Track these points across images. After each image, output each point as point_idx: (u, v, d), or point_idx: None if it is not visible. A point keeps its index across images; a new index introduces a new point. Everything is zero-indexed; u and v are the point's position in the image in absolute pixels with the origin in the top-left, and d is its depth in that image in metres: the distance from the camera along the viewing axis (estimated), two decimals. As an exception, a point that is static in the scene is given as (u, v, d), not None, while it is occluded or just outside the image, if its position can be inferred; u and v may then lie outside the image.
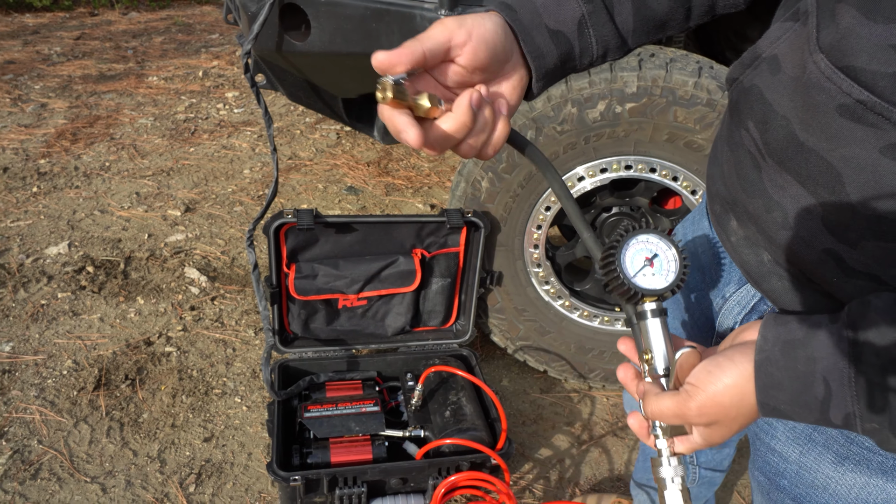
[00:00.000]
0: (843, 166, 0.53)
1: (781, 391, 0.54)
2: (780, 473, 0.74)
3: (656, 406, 0.61)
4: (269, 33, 1.53)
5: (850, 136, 0.51)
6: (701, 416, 0.58)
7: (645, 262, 0.64)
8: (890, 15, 0.47)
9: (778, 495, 0.75)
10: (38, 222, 2.72)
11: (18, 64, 4.82)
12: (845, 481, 0.67)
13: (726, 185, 0.70)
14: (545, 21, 0.63)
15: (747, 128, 0.63)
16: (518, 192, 1.71)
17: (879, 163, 0.50)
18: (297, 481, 1.43)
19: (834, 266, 0.58)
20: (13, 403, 1.82)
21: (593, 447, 1.81)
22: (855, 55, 0.49)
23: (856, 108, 0.50)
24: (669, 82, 1.56)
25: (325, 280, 1.72)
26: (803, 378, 0.53)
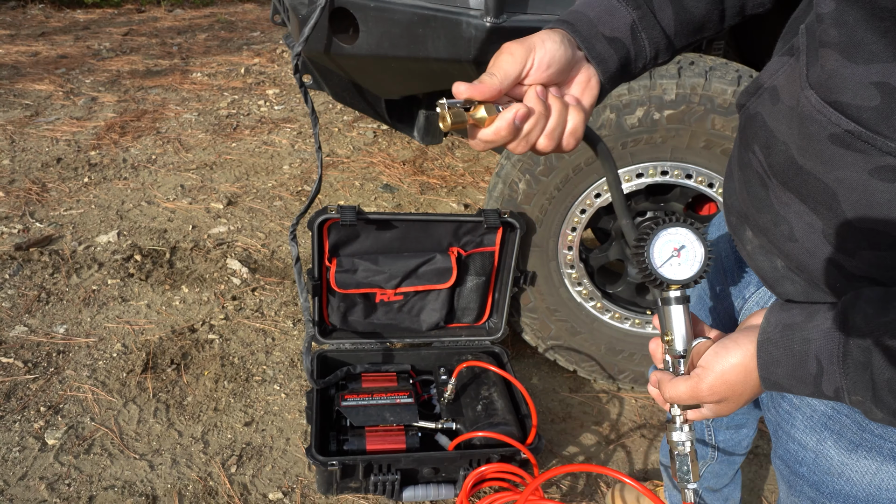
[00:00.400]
0: (838, 187, 0.59)
1: (780, 367, 0.62)
2: (799, 461, 0.78)
3: (673, 391, 0.69)
4: (318, 36, 1.59)
5: (841, 161, 0.58)
6: (712, 395, 0.67)
7: (673, 253, 0.71)
8: (868, 57, 0.54)
9: (798, 482, 0.79)
10: (90, 211, 2.84)
11: (70, 58, 5.01)
12: (859, 468, 0.71)
13: (739, 201, 0.76)
14: (601, 30, 0.70)
15: (754, 151, 0.69)
16: (554, 195, 1.75)
17: (869, 183, 0.57)
18: (334, 466, 1.49)
19: (836, 273, 0.64)
20: (67, 382, 1.93)
21: (620, 447, 1.84)
22: (841, 92, 0.56)
23: (845, 136, 0.57)
24: (708, 90, 1.58)
25: (364, 275, 1.78)
26: (799, 356, 0.61)
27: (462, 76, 1.57)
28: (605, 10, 0.71)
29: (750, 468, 1.80)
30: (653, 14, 0.71)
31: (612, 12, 0.70)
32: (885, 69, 0.53)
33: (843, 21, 0.55)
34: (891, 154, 0.55)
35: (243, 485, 1.65)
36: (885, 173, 0.56)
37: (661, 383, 0.71)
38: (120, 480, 1.63)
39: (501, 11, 1.41)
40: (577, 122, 0.67)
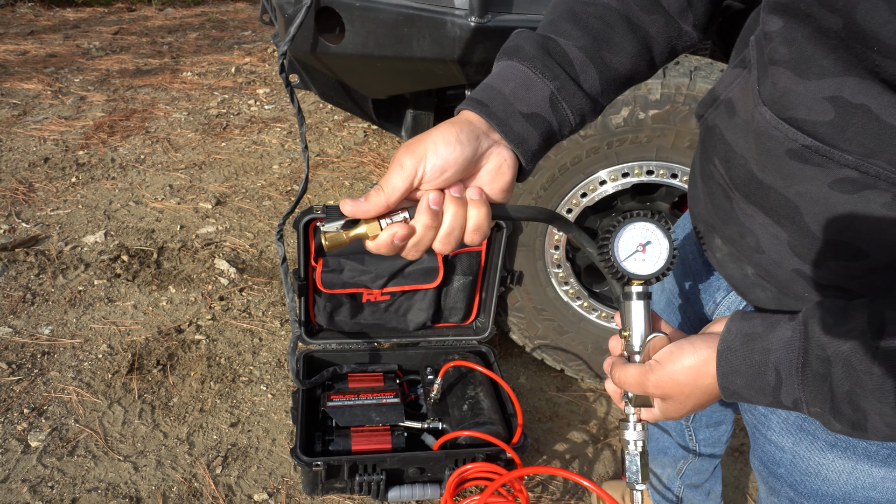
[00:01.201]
0: (800, 200, 0.60)
1: (739, 377, 0.61)
2: (777, 462, 0.78)
3: (622, 374, 0.68)
4: (304, 35, 1.58)
5: (801, 175, 0.59)
6: (657, 389, 0.66)
7: (638, 248, 0.69)
8: (819, 73, 0.54)
9: (776, 483, 0.80)
10: (77, 211, 2.83)
11: (59, 57, 4.98)
12: (835, 467, 0.72)
13: (705, 211, 0.76)
14: (518, 108, 0.65)
15: (714, 164, 0.69)
16: (540, 195, 1.75)
17: (830, 196, 0.57)
18: (319, 466, 1.49)
19: (804, 283, 0.64)
20: (52, 384, 1.91)
21: (607, 446, 1.84)
22: (795, 108, 0.56)
23: (803, 151, 0.57)
24: (693, 90, 1.58)
25: (350, 274, 1.77)
26: (758, 367, 0.60)
27: (447, 75, 1.57)
28: (520, 84, 0.65)
29: (735, 466, 1.80)
30: (574, 81, 0.67)
31: (529, 86, 0.65)
32: (836, 83, 0.53)
33: (792, 38, 0.55)
34: (849, 167, 0.55)
35: (228, 486, 1.64)
36: (845, 185, 0.56)
37: (613, 366, 0.70)
38: (104, 482, 1.62)
39: (486, 11, 1.41)
40: (481, 218, 0.62)
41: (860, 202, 0.56)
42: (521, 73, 0.66)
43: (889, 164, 0.53)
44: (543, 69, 0.66)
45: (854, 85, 0.52)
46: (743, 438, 1.88)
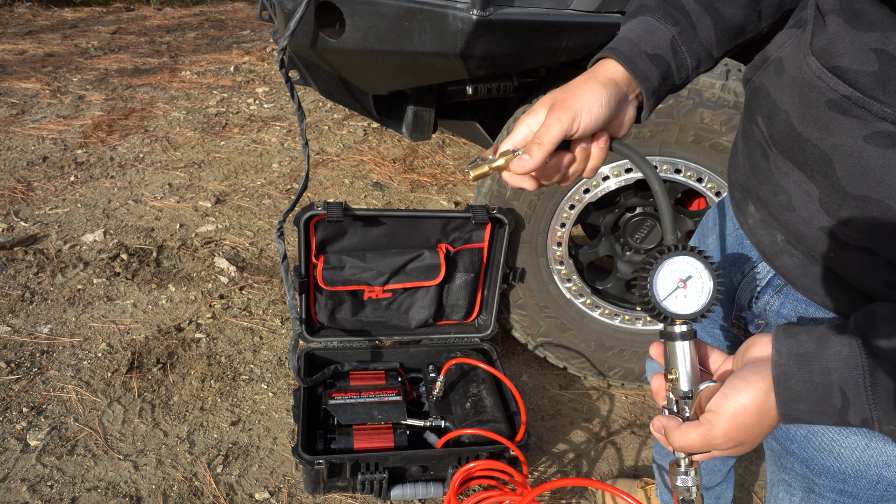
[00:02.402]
0: (834, 153, 0.60)
1: (801, 402, 0.58)
2: (790, 438, 0.78)
3: (683, 440, 0.63)
4: (304, 30, 1.57)
5: (838, 127, 0.59)
6: (728, 441, 0.61)
7: (678, 284, 0.65)
8: (869, 24, 0.55)
9: (788, 459, 0.79)
10: (75, 210, 2.81)
11: (58, 57, 4.96)
12: (849, 444, 0.72)
13: (743, 174, 0.77)
14: (643, 49, 0.73)
15: (757, 122, 0.70)
16: (543, 190, 1.74)
17: (864, 149, 0.58)
18: (321, 465, 1.47)
19: (830, 242, 0.64)
20: (51, 383, 1.90)
21: (610, 444, 1.83)
22: (840, 57, 0.58)
23: (842, 102, 0.58)
24: (696, 84, 1.57)
25: (352, 271, 1.76)
26: (821, 389, 0.57)
27: (449, 70, 1.56)
28: (645, 30, 0.74)
29: (740, 464, 1.79)
30: (692, 27, 0.74)
31: (653, 31, 0.74)
32: (884, 37, 0.54)
33: None
34: (886, 119, 0.55)
35: (229, 485, 1.63)
36: (880, 139, 0.56)
37: (667, 431, 0.65)
38: (104, 481, 1.61)
39: (488, 4, 1.40)
40: (598, 159, 0.73)
41: (894, 158, 0.56)
42: (646, 22, 0.75)
43: None
44: (665, 17, 0.74)
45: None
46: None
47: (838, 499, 0.76)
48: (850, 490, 0.74)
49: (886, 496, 0.73)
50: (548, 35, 1.47)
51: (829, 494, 0.76)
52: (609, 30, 1.49)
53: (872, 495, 0.73)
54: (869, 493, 0.73)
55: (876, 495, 0.73)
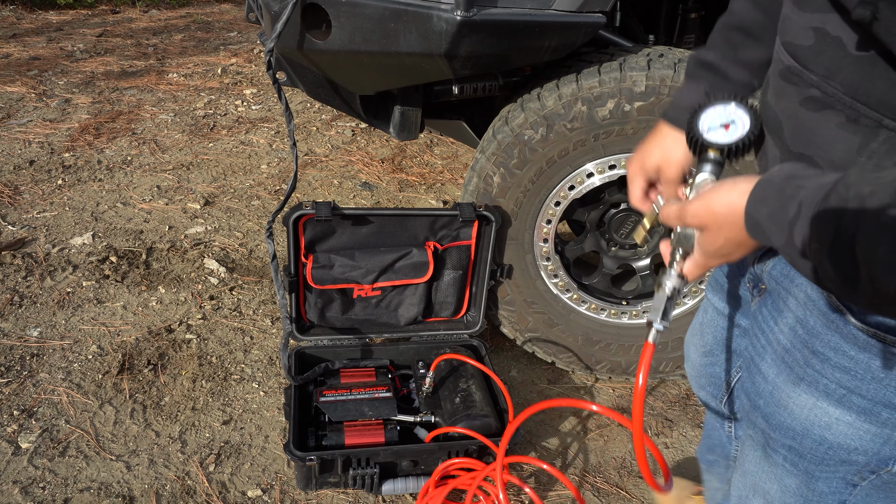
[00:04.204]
0: (782, 116, 0.72)
1: (765, 206, 0.61)
2: (759, 393, 0.84)
3: (666, 210, 0.76)
4: (291, 32, 1.59)
5: (784, 92, 0.71)
6: (694, 218, 0.70)
7: (720, 125, 0.75)
8: (814, 8, 0.65)
9: (754, 414, 0.86)
10: (63, 214, 2.81)
11: (43, 60, 4.93)
12: (800, 401, 0.77)
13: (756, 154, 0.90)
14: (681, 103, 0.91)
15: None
16: (529, 188, 1.76)
17: (799, 112, 0.68)
18: (312, 461, 1.49)
19: None
20: (41, 385, 1.90)
21: (598, 436, 1.86)
22: (787, 33, 0.69)
23: (786, 71, 0.70)
24: (677, 82, 1.60)
25: (341, 270, 1.78)
26: (786, 198, 0.59)
27: (435, 70, 1.58)
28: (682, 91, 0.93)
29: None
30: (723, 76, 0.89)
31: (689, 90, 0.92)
32: (823, 18, 0.64)
33: None
34: (814, 87, 0.66)
35: (222, 483, 1.64)
36: (810, 104, 0.67)
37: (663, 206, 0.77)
38: (96, 482, 1.62)
39: (472, 5, 1.42)
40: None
41: (821, 120, 0.66)
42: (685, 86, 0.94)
43: (841, 86, 0.64)
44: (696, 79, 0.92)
45: (836, 21, 0.63)
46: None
47: (788, 455, 0.82)
48: (798, 448, 0.79)
49: (827, 459, 0.78)
50: (531, 35, 1.50)
51: (781, 450, 0.82)
52: (590, 29, 1.52)
53: (815, 455, 0.78)
54: (812, 452, 0.78)
55: (818, 456, 0.78)
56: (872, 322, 0.68)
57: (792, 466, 0.82)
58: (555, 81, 1.68)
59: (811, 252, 0.57)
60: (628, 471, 1.76)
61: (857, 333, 0.70)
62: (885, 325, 0.67)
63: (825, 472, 0.79)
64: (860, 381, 0.71)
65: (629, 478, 1.74)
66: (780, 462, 0.84)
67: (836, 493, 0.81)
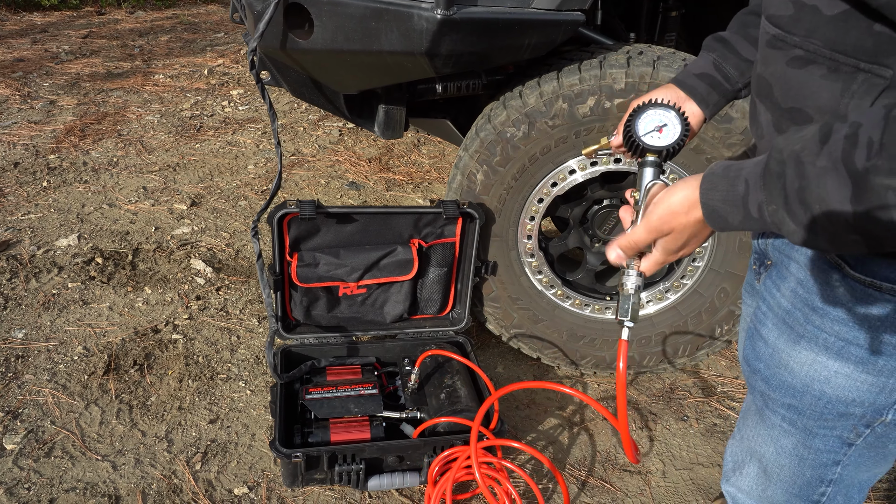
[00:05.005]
0: (771, 78, 0.81)
1: (717, 192, 0.71)
2: (759, 357, 0.90)
3: (632, 235, 0.80)
4: (274, 31, 1.59)
5: (771, 58, 0.80)
6: (662, 223, 0.76)
7: (655, 128, 0.87)
8: None
9: (754, 379, 0.92)
10: (49, 215, 2.80)
11: (28, 62, 4.90)
12: (800, 359, 0.83)
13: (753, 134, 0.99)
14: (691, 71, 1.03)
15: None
16: (512, 185, 1.78)
17: (787, 72, 0.78)
18: (298, 458, 1.50)
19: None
20: (27, 387, 1.90)
21: (583, 431, 1.88)
22: (770, 7, 0.79)
23: (772, 40, 0.79)
24: (656, 79, 1.62)
25: (326, 268, 1.79)
26: (731, 181, 0.69)
27: (417, 69, 1.59)
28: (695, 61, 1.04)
29: (709, 444, 1.85)
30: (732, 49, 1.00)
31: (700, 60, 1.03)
32: None
33: None
34: (797, 47, 0.75)
35: (208, 481, 1.64)
36: (796, 62, 0.76)
37: (619, 243, 0.82)
38: (82, 482, 1.62)
39: (452, 4, 1.43)
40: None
41: (806, 74, 0.75)
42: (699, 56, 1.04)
43: (821, 42, 0.73)
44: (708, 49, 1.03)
45: None
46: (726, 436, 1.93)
47: (786, 415, 0.87)
48: (797, 405, 0.85)
49: (826, 413, 0.83)
50: (511, 33, 1.51)
51: (780, 410, 0.88)
52: (569, 27, 1.54)
53: (814, 411, 0.84)
54: (811, 408, 0.84)
55: (817, 411, 0.84)
56: (868, 273, 0.74)
57: (790, 426, 0.88)
58: (536, 79, 1.70)
59: (769, 214, 0.66)
60: (612, 464, 1.78)
61: (854, 286, 0.76)
62: (881, 275, 0.73)
63: (823, 427, 0.84)
64: (858, 332, 0.77)
65: (613, 471, 1.75)
66: (777, 423, 0.89)
67: (831, 452, 0.86)
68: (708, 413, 1.96)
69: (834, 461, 0.88)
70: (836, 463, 0.88)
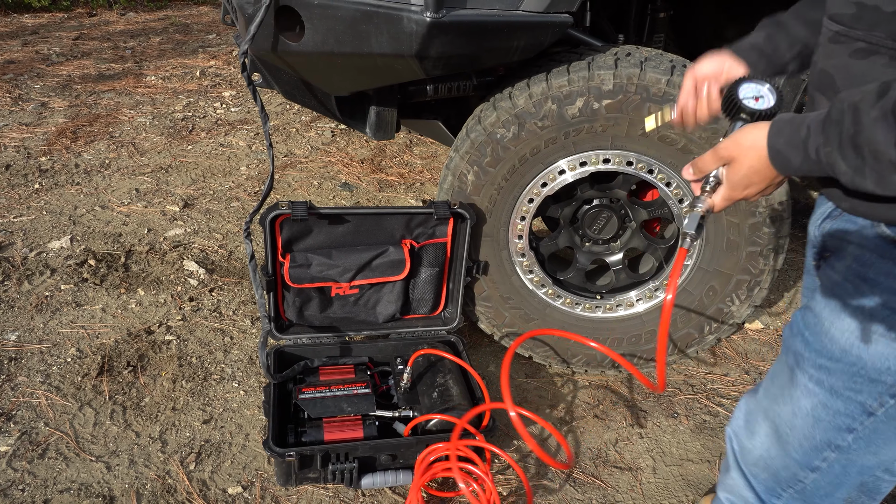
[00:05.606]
0: (834, 71, 0.91)
1: (781, 136, 0.84)
2: (807, 326, 0.98)
3: (700, 159, 0.94)
4: (265, 34, 1.60)
5: (834, 52, 0.90)
6: (725, 151, 0.90)
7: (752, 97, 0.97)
8: None
9: (793, 341, 1.00)
10: (41, 217, 2.80)
11: (18, 64, 4.89)
12: (843, 326, 0.91)
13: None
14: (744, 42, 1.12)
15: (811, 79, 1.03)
16: (502, 185, 1.80)
17: (849, 63, 0.88)
18: (291, 457, 1.51)
19: None
20: (20, 389, 1.90)
21: (575, 428, 1.90)
22: (833, 6, 0.89)
23: (835, 36, 0.89)
24: (644, 80, 1.64)
25: (318, 269, 1.80)
26: (796, 126, 0.82)
27: (407, 71, 1.61)
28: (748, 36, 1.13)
29: (699, 439, 1.87)
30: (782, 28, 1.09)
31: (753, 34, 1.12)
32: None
33: None
34: (860, 40, 0.86)
35: (202, 481, 1.65)
36: (859, 54, 0.86)
37: (692, 162, 0.96)
38: (76, 483, 1.63)
39: (441, 6, 1.45)
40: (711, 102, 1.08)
41: (868, 64, 0.85)
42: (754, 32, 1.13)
43: (883, 34, 0.83)
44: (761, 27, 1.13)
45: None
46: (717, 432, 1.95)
47: (815, 374, 0.95)
48: (830, 366, 0.93)
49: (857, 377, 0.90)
50: (500, 35, 1.53)
51: (809, 369, 0.96)
52: (558, 29, 1.56)
53: (847, 373, 0.91)
54: (845, 370, 0.91)
55: (850, 373, 0.91)
56: None
57: (816, 385, 0.95)
58: (525, 81, 1.72)
59: (825, 156, 0.78)
60: (603, 461, 1.80)
61: None
62: None
63: (850, 390, 0.92)
64: None
65: (604, 467, 1.77)
66: (804, 382, 0.97)
67: (849, 417, 0.93)
68: (697, 410, 1.99)
69: (849, 427, 0.93)
70: (851, 430, 0.94)
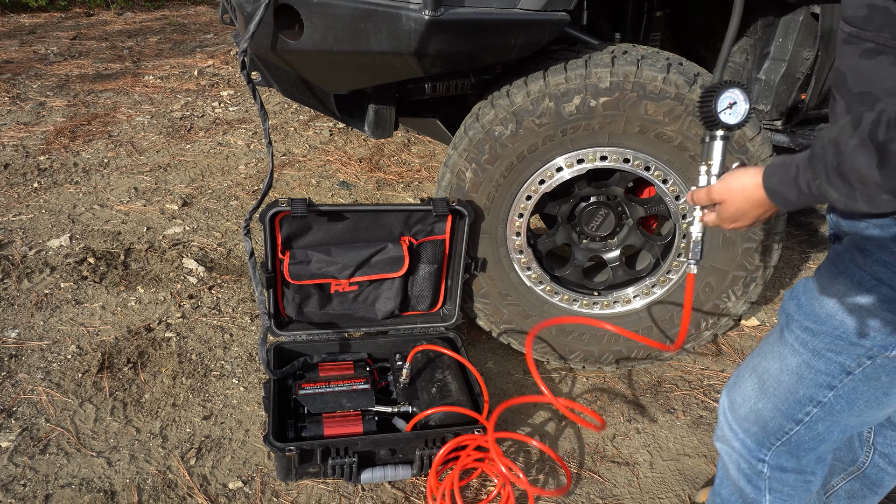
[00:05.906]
0: (846, 69, 0.95)
1: (774, 176, 0.94)
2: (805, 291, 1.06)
3: (696, 193, 1.11)
4: (264, 32, 1.62)
5: (846, 52, 0.95)
6: (717, 194, 1.06)
7: (727, 106, 1.08)
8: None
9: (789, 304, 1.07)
10: (40, 216, 2.80)
11: (16, 63, 4.89)
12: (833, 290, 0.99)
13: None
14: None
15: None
16: (500, 182, 1.81)
17: (859, 62, 0.92)
18: (292, 451, 1.52)
19: None
20: (21, 385, 1.91)
21: (572, 424, 1.92)
22: (847, 9, 0.93)
23: (848, 38, 0.94)
24: (640, 78, 1.66)
25: (317, 266, 1.81)
26: (786, 167, 0.92)
27: (405, 69, 1.62)
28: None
29: (695, 435, 1.89)
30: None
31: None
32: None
33: None
34: (869, 40, 0.90)
35: (203, 476, 1.67)
36: (868, 54, 0.91)
37: (693, 192, 1.12)
38: (77, 478, 1.64)
39: (439, 5, 1.46)
40: None
41: (875, 64, 0.90)
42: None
43: (889, 35, 0.87)
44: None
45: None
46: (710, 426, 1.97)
47: (801, 335, 1.03)
48: (814, 328, 1.01)
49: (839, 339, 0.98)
50: (497, 33, 1.54)
51: (796, 330, 1.04)
52: (555, 27, 1.57)
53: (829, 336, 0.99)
54: (828, 333, 0.99)
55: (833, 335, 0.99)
56: None
57: (801, 346, 1.03)
58: (523, 78, 1.73)
59: (816, 188, 0.86)
60: (601, 455, 1.81)
61: None
62: None
63: (831, 351, 0.99)
64: (893, 274, 0.92)
65: (602, 462, 1.79)
66: (790, 341, 1.05)
67: (829, 375, 1.01)
68: (694, 405, 2.00)
69: (829, 385, 1.01)
70: (831, 388, 1.01)
